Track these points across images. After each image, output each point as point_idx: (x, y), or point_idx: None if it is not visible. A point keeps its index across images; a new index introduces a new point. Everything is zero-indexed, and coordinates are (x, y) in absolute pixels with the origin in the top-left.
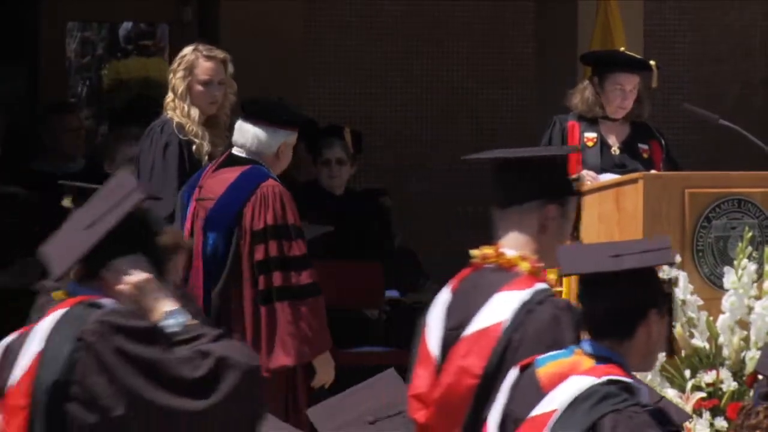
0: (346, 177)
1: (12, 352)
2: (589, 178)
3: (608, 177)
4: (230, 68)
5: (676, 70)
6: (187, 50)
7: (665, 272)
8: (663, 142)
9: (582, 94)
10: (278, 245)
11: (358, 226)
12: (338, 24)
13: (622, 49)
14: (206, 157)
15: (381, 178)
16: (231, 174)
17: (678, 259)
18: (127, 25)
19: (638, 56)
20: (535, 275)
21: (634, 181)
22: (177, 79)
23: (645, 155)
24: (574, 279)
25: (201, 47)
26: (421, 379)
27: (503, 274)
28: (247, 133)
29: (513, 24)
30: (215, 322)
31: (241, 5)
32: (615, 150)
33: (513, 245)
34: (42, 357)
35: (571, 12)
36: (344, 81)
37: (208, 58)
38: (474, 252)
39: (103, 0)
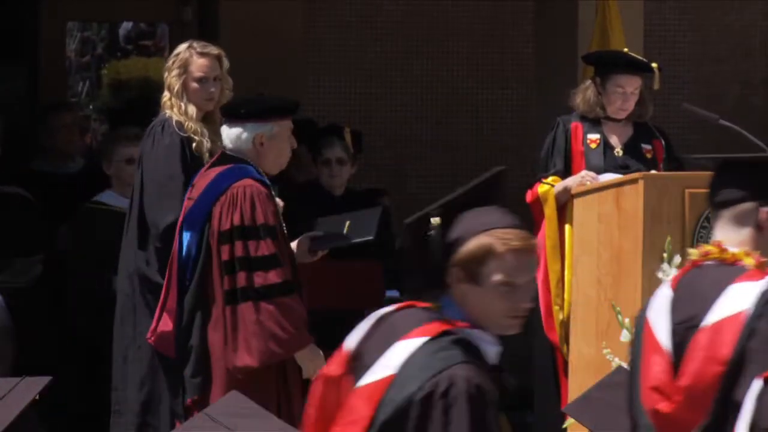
0: (346, 177)
1: (384, 328)
2: (589, 178)
3: (608, 177)
4: (226, 64)
5: (676, 70)
6: (182, 48)
7: (664, 272)
8: (665, 141)
9: (584, 94)
10: (244, 246)
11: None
12: (338, 24)
13: (625, 50)
14: (207, 154)
15: (381, 178)
16: (213, 173)
17: (678, 259)
18: (127, 25)
19: (640, 58)
20: (761, 269)
21: (634, 181)
22: (172, 78)
23: (648, 155)
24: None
25: (195, 44)
26: (656, 371)
27: (730, 268)
28: (224, 134)
29: (513, 24)
30: (190, 322)
31: (241, 5)
32: (618, 151)
33: (732, 243)
34: (392, 382)
35: (571, 12)
36: (344, 81)
37: (203, 54)
38: (692, 250)
39: (103, 0)
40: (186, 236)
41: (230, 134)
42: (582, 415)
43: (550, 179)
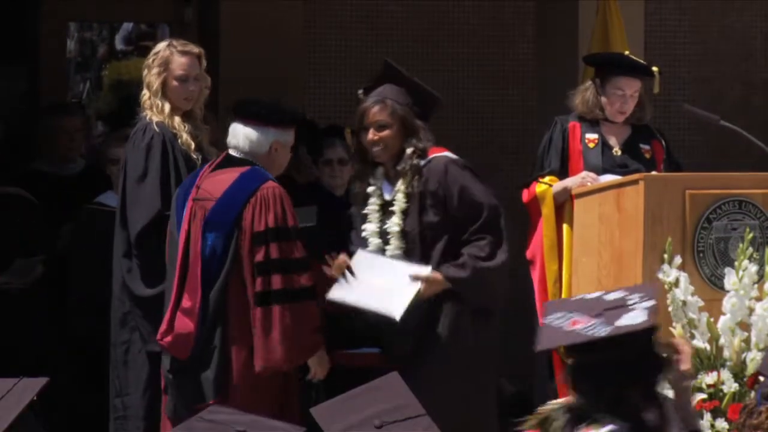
0: (347, 177)
1: None
2: (590, 179)
3: (608, 178)
4: (204, 63)
5: (676, 71)
6: (161, 46)
7: (665, 273)
8: (664, 142)
9: (583, 95)
10: (279, 248)
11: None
12: (338, 24)
13: (626, 52)
14: (192, 145)
15: None
16: (230, 175)
17: (679, 260)
18: (127, 26)
19: (641, 61)
20: None
21: (635, 182)
22: (152, 76)
23: (647, 155)
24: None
25: (175, 42)
26: None
27: None
28: (239, 135)
29: (513, 24)
30: (213, 323)
31: (241, 5)
32: (617, 150)
33: None
34: None
35: (571, 12)
36: (344, 81)
37: (184, 53)
38: None
39: (104, 0)
40: (209, 237)
41: (246, 134)
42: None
43: (546, 179)
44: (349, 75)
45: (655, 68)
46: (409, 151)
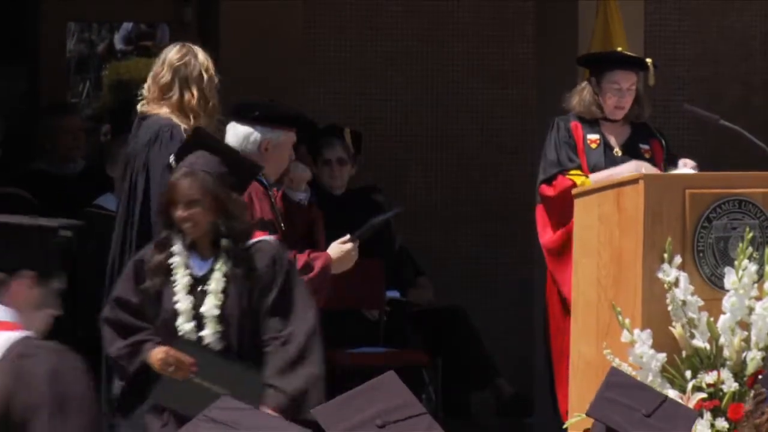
0: (347, 177)
1: None
2: (642, 168)
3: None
4: None
5: (676, 71)
6: (200, 54)
7: (664, 273)
8: (663, 141)
9: (580, 95)
10: None
11: (359, 226)
12: (338, 24)
13: (619, 49)
14: None
15: (381, 178)
16: None
17: (678, 259)
18: (127, 26)
19: (634, 54)
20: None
21: (635, 181)
22: (206, 83)
23: (647, 155)
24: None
25: (194, 48)
26: None
27: None
28: (230, 133)
29: (513, 24)
30: None
31: (241, 5)
32: (617, 151)
33: None
34: None
35: (571, 12)
36: (344, 81)
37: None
38: None
39: (104, 0)
40: None
41: (237, 133)
42: (606, 416)
43: (573, 173)
44: (349, 75)
45: (648, 60)
46: (223, 230)
